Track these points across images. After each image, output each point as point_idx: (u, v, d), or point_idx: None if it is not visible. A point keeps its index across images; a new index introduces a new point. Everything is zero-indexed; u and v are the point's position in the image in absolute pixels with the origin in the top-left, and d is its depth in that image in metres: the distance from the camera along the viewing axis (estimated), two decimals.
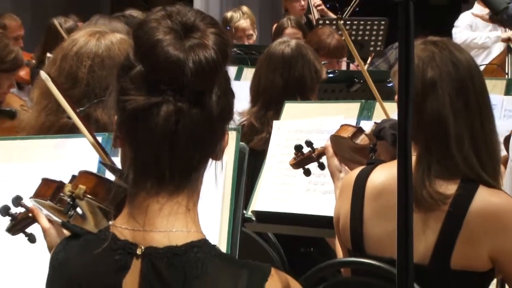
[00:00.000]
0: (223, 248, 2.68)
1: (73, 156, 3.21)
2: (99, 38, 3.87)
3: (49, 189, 2.66)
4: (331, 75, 8.65)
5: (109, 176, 2.69)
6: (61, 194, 2.61)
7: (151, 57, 2.15)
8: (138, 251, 2.17)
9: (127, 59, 2.23)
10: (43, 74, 3.01)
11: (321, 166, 3.94)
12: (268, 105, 4.93)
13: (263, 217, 4.20)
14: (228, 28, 8.88)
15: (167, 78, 2.12)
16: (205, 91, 2.15)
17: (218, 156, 2.26)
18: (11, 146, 3.47)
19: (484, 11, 9.27)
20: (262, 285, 2.13)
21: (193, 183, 2.23)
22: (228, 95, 2.23)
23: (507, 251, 3.05)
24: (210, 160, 2.26)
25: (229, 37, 2.27)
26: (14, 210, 2.78)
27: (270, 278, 2.15)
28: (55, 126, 3.76)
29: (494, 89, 4.76)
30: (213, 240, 2.27)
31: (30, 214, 2.76)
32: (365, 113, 4.24)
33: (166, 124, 2.12)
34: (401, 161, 2.03)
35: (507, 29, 9.03)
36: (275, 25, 9.30)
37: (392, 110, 3.89)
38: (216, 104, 2.17)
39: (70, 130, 3.58)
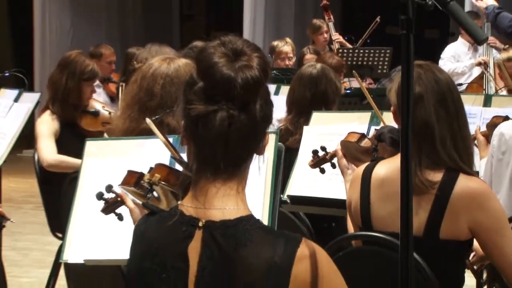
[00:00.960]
0: (265, 222, 2.69)
1: (151, 152, 3.24)
2: (169, 62, 3.92)
3: (133, 178, 2.71)
4: (348, 91, 8.73)
5: (178, 167, 2.73)
6: (142, 182, 2.65)
7: (209, 76, 2.18)
8: (200, 224, 2.20)
9: (191, 77, 2.25)
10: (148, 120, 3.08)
11: (333, 166, 3.96)
12: (299, 113, 4.95)
13: (296, 200, 4.22)
14: (269, 55, 8.93)
15: (222, 91, 2.15)
16: (250, 101, 2.18)
17: (260, 151, 2.28)
18: (105, 145, 3.51)
19: (466, 43, 9.28)
20: (295, 250, 2.14)
21: (242, 172, 2.26)
22: (268, 105, 2.24)
23: (480, 223, 3.07)
24: (255, 154, 2.28)
25: (269, 60, 2.30)
26: (107, 195, 2.83)
27: (301, 244, 2.16)
28: (137, 130, 3.80)
29: (475, 102, 4.75)
30: (257, 216, 2.29)
31: (119, 199, 2.81)
32: (375, 120, 4.25)
33: (220, 127, 2.15)
34: (403, 157, 2.02)
35: (480, 55, 9.01)
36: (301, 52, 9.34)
37: (388, 119, 3.92)
38: (259, 111, 2.19)
39: (148, 133, 3.62)
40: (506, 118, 4.53)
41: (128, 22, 14.33)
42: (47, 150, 5.62)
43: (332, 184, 4.10)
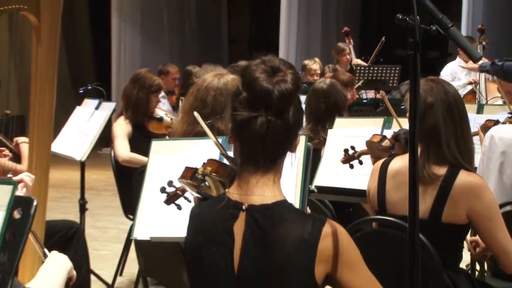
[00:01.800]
0: (296, 207, 2.68)
1: (203, 150, 3.23)
2: (220, 77, 3.92)
3: (189, 173, 2.70)
4: (365, 101, 8.72)
5: (226, 162, 2.72)
6: (196, 174, 2.65)
7: (251, 88, 2.18)
8: (243, 207, 2.20)
9: (237, 88, 2.26)
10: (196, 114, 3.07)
11: (360, 162, 3.97)
12: (317, 122, 4.92)
13: (322, 189, 4.20)
14: (301, 71, 8.96)
15: (261, 101, 2.16)
16: (285, 109, 2.17)
17: (293, 150, 2.28)
18: (167, 144, 3.50)
19: (462, 62, 9.20)
20: (321, 228, 2.14)
21: (277, 166, 2.25)
22: (300, 112, 2.24)
23: (476, 211, 3.04)
24: (288, 152, 2.27)
25: (300, 76, 2.29)
26: (168, 189, 2.82)
27: (326, 224, 2.16)
28: (192, 132, 3.81)
29: (470, 110, 4.75)
30: (290, 201, 2.29)
31: (178, 192, 2.80)
32: (387, 125, 4.23)
33: (260, 130, 2.16)
34: (411, 154, 2.00)
35: (473, 74, 8.98)
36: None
37: (404, 123, 3.90)
38: (292, 117, 2.19)
39: (201, 135, 3.62)
40: (496, 122, 4.53)
41: (186, 45, 14.36)
42: (122, 149, 5.66)
43: (351, 177, 4.08)
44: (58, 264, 2.60)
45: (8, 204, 2.04)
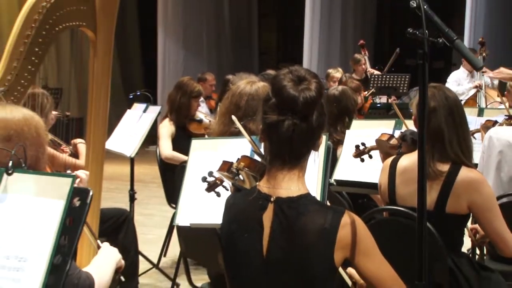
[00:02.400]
0: (318, 199, 2.67)
1: (237, 148, 3.23)
2: (252, 84, 3.92)
3: (226, 166, 2.70)
4: (378, 105, 8.72)
5: (257, 158, 2.72)
6: (232, 168, 2.65)
7: (279, 95, 2.17)
8: (272, 199, 2.19)
9: (267, 95, 2.25)
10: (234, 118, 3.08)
11: (370, 156, 3.97)
12: (330, 124, 4.90)
13: (340, 182, 4.20)
14: (323, 79, 8.97)
15: (288, 106, 2.15)
16: (309, 114, 2.16)
17: (316, 149, 2.26)
18: (205, 143, 3.49)
19: (466, 71, 9.17)
20: (340, 219, 2.13)
21: (302, 163, 2.24)
22: (322, 116, 2.22)
23: (476, 202, 3.02)
24: (312, 151, 2.26)
25: (324, 83, 2.29)
26: (209, 179, 2.80)
27: (344, 215, 2.14)
28: (227, 132, 3.81)
29: (471, 113, 4.77)
30: (312, 194, 2.28)
31: (217, 181, 2.79)
32: (397, 126, 4.22)
33: (287, 132, 2.15)
34: (420, 152, 1.98)
35: (475, 80, 8.97)
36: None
37: (410, 125, 3.88)
38: (315, 121, 2.18)
39: (235, 134, 3.61)
40: (495, 122, 4.51)
41: (222, 56, 14.41)
42: (165, 148, 5.68)
43: (365, 171, 4.07)
44: (109, 255, 2.61)
45: (68, 194, 2.05)
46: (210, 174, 2.84)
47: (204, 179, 2.88)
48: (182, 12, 13.11)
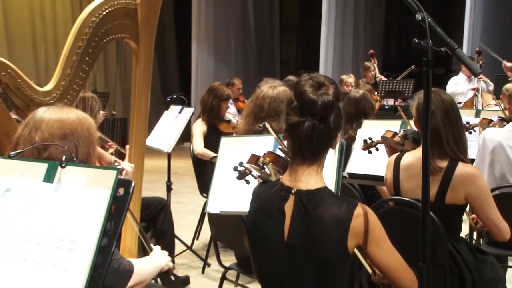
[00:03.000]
0: (333, 190, 2.65)
1: (261, 144, 3.22)
2: (273, 88, 3.92)
3: (254, 158, 2.69)
4: (386, 107, 8.69)
5: (281, 154, 2.71)
6: (259, 162, 2.64)
7: (301, 98, 2.16)
8: (293, 191, 2.18)
9: (290, 98, 2.24)
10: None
11: (377, 149, 3.93)
12: (346, 122, 4.86)
13: (352, 175, 4.17)
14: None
15: (308, 109, 2.14)
16: (327, 116, 2.15)
17: (333, 147, 2.25)
18: (233, 140, 3.49)
19: (464, 76, 9.12)
20: (353, 210, 2.11)
21: (321, 159, 2.23)
22: (339, 117, 2.21)
23: (472, 194, 3.00)
24: (330, 149, 2.25)
25: (340, 89, 2.28)
26: (239, 168, 2.78)
27: (357, 206, 2.13)
28: (252, 131, 3.81)
29: (469, 114, 4.73)
30: (329, 187, 2.26)
31: (247, 171, 2.77)
32: (403, 126, 4.18)
33: (306, 131, 2.14)
34: (424, 149, 1.96)
35: (473, 84, 8.93)
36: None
37: (413, 125, 3.86)
38: (332, 122, 2.17)
39: (259, 132, 3.61)
40: (490, 121, 4.50)
41: (248, 64, 14.40)
42: (198, 145, 5.70)
43: (374, 164, 4.03)
44: (156, 256, 2.62)
45: (113, 184, 2.05)
46: (241, 164, 2.83)
47: (235, 168, 2.86)
48: (213, 25, 13.13)
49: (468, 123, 4.06)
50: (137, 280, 2.37)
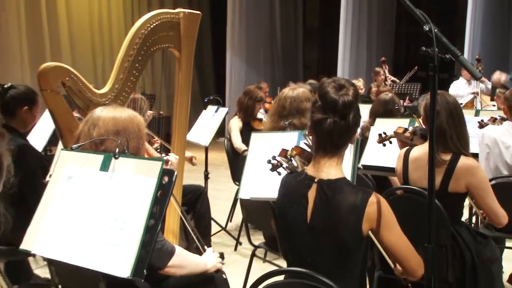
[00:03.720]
0: (349, 179, 2.63)
1: (287, 139, 3.21)
2: (293, 90, 3.91)
3: (283, 152, 2.65)
4: (396, 107, 8.54)
5: (305, 148, 2.69)
6: (287, 155, 2.61)
7: (324, 98, 2.13)
8: (315, 180, 2.17)
9: (315, 98, 2.21)
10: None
11: (390, 142, 3.88)
12: (374, 119, 4.80)
13: (366, 167, 4.13)
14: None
15: (330, 108, 2.12)
16: (347, 114, 2.12)
17: (352, 142, 2.22)
18: (261, 135, 3.48)
19: (464, 80, 9.01)
20: (368, 198, 2.09)
21: (340, 153, 2.20)
22: (358, 116, 2.18)
23: (472, 184, 2.95)
24: (349, 144, 2.24)
25: (359, 91, 2.26)
26: (272, 161, 2.74)
27: (372, 195, 2.10)
28: (276, 127, 3.80)
29: (470, 114, 4.68)
30: (347, 177, 2.24)
31: (279, 164, 2.74)
32: (411, 123, 4.13)
33: (328, 128, 2.12)
34: (430, 144, 1.93)
35: (473, 88, 8.83)
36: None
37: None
38: (352, 120, 2.14)
39: (282, 129, 3.60)
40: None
41: (275, 70, 14.36)
42: (237, 140, 5.71)
43: (386, 156, 3.99)
44: (204, 257, 2.59)
45: (159, 173, 2.07)
46: (273, 158, 2.81)
47: (268, 161, 2.84)
48: (245, 36, 13.12)
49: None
50: (177, 263, 2.35)
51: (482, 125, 4.30)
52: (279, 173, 2.70)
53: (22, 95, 3.72)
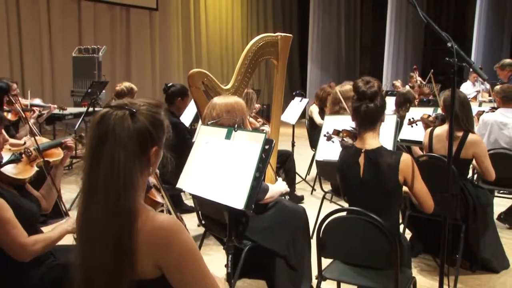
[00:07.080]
0: (391, 149, 2.53)
1: (341, 120, 3.12)
2: (341, 86, 3.90)
3: (335, 132, 2.55)
4: (424, 100, 7.99)
5: (350, 129, 2.59)
6: (339, 134, 2.52)
7: (357, 91, 2.09)
8: (362, 151, 2.12)
9: (353, 94, 2.14)
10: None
11: (416, 124, 3.67)
12: (399, 107, 4.55)
13: (402, 140, 3.93)
14: (391, 84, 8.51)
15: (362, 97, 2.06)
16: (374, 99, 2.06)
17: (383, 120, 2.14)
18: (329, 117, 3.42)
19: (471, 82, 8.38)
20: (400, 157, 2.03)
21: (376, 128, 2.12)
22: (383, 100, 2.10)
23: (476, 152, 2.83)
24: (381, 122, 2.14)
25: (381, 84, 2.14)
26: (326, 135, 2.63)
27: (402, 155, 2.04)
28: (333, 112, 3.73)
29: (475, 105, 4.46)
30: (388, 147, 2.16)
31: (330, 136, 2.66)
32: (434, 111, 3.87)
33: (364, 110, 2.06)
34: (450, 125, 1.82)
35: (477, 88, 8.18)
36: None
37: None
38: (379, 103, 2.07)
39: (337, 113, 3.48)
40: (482, 112, 4.25)
41: (339, 74, 13.94)
42: (317, 118, 5.45)
43: (414, 134, 3.80)
44: (279, 185, 2.46)
45: (263, 141, 2.10)
46: (327, 133, 2.75)
47: (324, 135, 2.82)
48: (320, 51, 12.85)
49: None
50: (269, 196, 2.40)
51: (480, 113, 4.12)
52: (333, 142, 2.65)
53: (178, 90, 3.88)
